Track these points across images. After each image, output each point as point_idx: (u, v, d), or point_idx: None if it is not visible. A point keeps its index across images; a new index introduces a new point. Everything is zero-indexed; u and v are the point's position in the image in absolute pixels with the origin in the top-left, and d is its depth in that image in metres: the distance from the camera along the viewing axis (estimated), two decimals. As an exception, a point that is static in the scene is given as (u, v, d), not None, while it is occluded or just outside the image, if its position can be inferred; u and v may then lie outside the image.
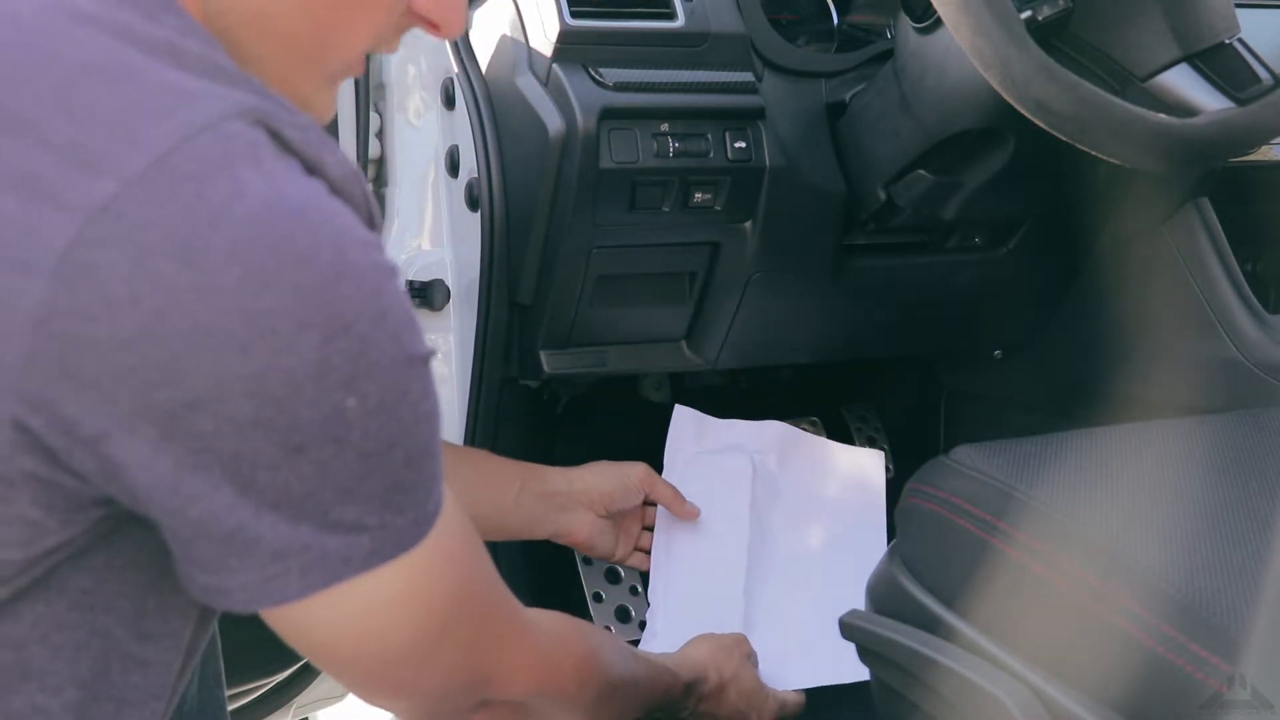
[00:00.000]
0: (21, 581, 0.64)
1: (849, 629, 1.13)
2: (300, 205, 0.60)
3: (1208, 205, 1.48)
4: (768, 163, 1.31)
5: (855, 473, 1.52)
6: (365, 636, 0.68)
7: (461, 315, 1.40)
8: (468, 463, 1.32)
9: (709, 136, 1.29)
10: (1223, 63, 1.21)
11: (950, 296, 1.56)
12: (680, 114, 1.28)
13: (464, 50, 1.36)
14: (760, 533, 1.47)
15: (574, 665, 0.90)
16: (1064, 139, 1.10)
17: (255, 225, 0.58)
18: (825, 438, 1.62)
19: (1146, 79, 1.22)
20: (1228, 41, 1.21)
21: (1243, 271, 1.48)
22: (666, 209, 1.30)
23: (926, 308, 1.57)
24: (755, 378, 1.80)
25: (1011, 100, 1.09)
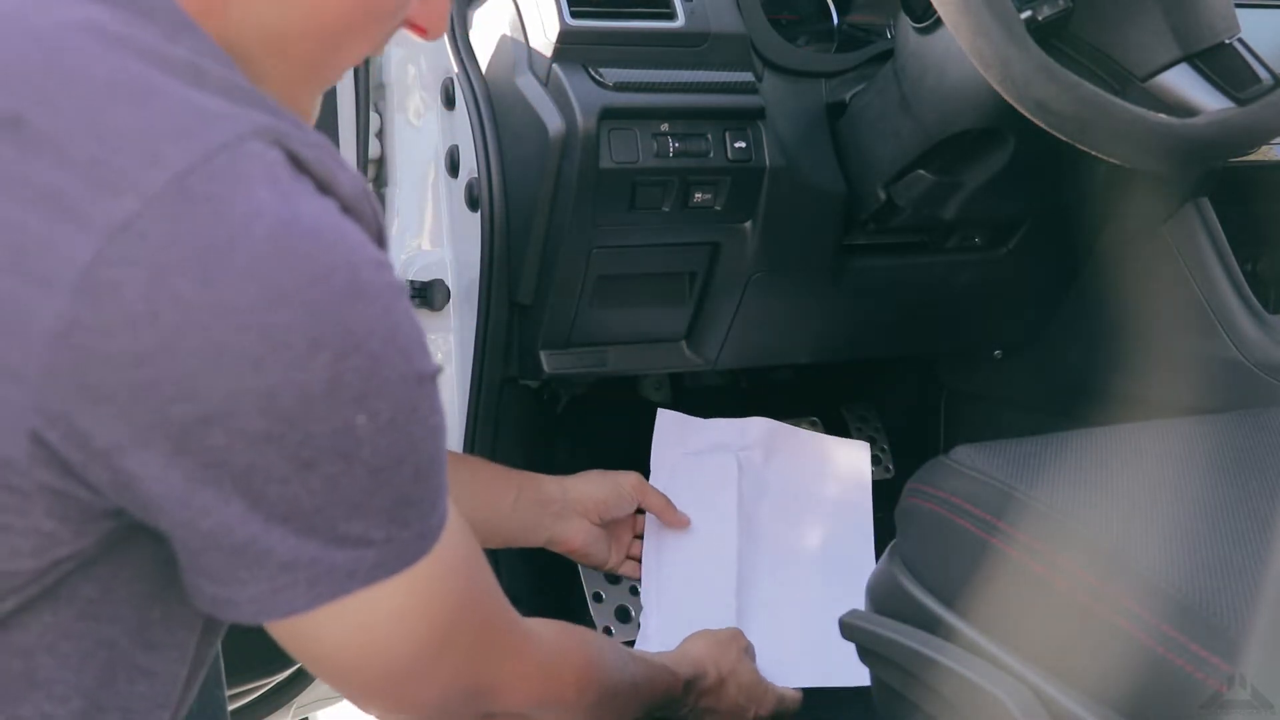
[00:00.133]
0: (32, 590, 0.65)
1: (849, 629, 1.13)
2: (315, 225, 0.61)
3: (1208, 205, 1.48)
4: (768, 163, 1.31)
5: (841, 464, 1.53)
6: (368, 648, 0.69)
7: (461, 315, 1.40)
8: (465, 469, 1.32)
9: (709, 136, 1.29)
10: (1223, 63, 1.21)
11: (950, 296, 1.56)
12: (680, 114, 1.28)
13: (464, 50, 1.36)
14: (749, 530, 1.47)
15: (574, 675, 0.90)
16: (1064, 139, 1.10)
17: (272, 244, 0.59)
18: (809, 430, 1.62)
19: (1146, 79, 1.22)
20: (1228, 41, 1.21)
21: (1243, 271, 1.48)
22: (666, 209, 1.30)
23: (926, 308, 1.57)
24: (755, 378, 1.80)
25: (1011, 100, 1.09)
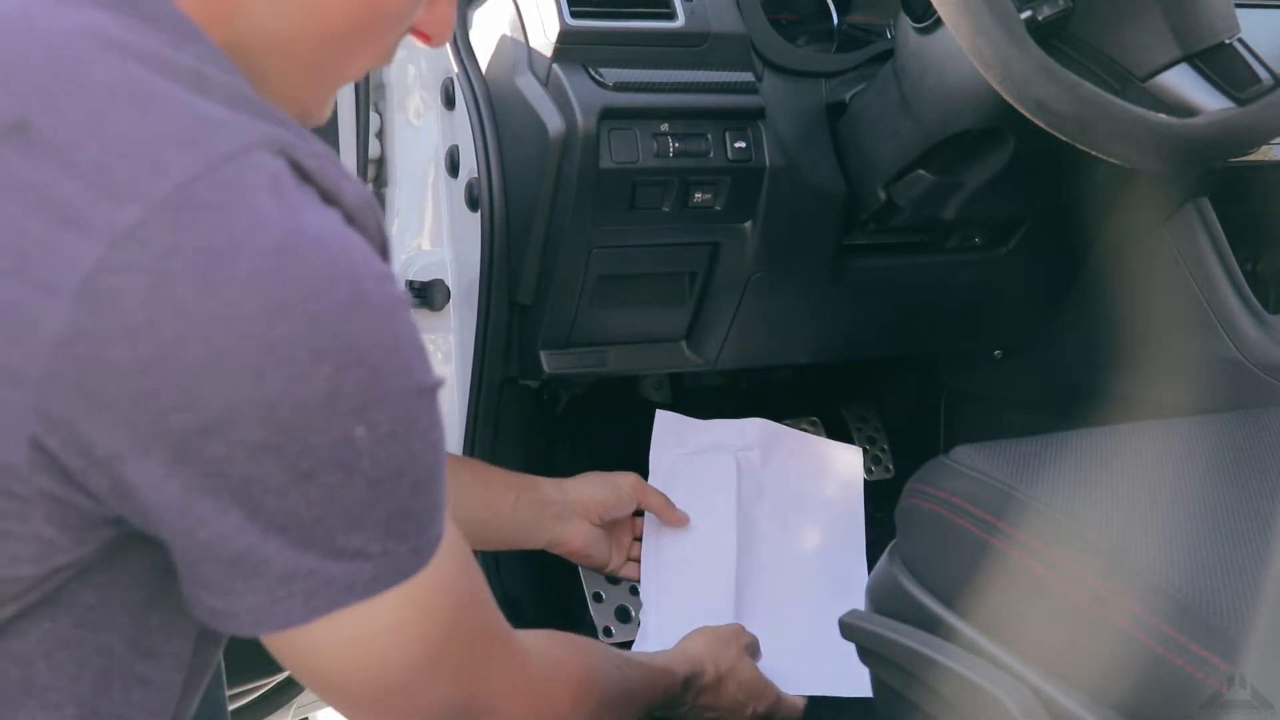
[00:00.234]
0: (31, 597, 0.65)
1: (849, 629, 1.13)
2: (319, 236, 0.61)
3: (1208, 205, 1.48)
4: (768, 163, 1.31)
5: (833, 468, 1.53)
6: (364, 662, 0.69)
7: (461, 315, 1.40)
8: (464, 471, 1.32)
9: (709, 136, 1.29)
10: (1223, 63, 1.21)
11: (950, 296, 1.56)
12: (680, 114, 1.28)
13: (464, 50, 1.36)
14: (747, 531, 1.47)
15: (568, 689, 0.90)
16: (1064, 139, 1.10)
17: (275, 255, 0.59)
18: (805, 432, 1.62)
19: (1146, 79, 1.22)
20: (1228, 41, 1.21)
21: (1243, 271, 1.48)
22: (666, 209, 1.30)
23: (926, 308, 1.57)
24: (755, 378, 1.80)
25: (1011, 100, 1.09)
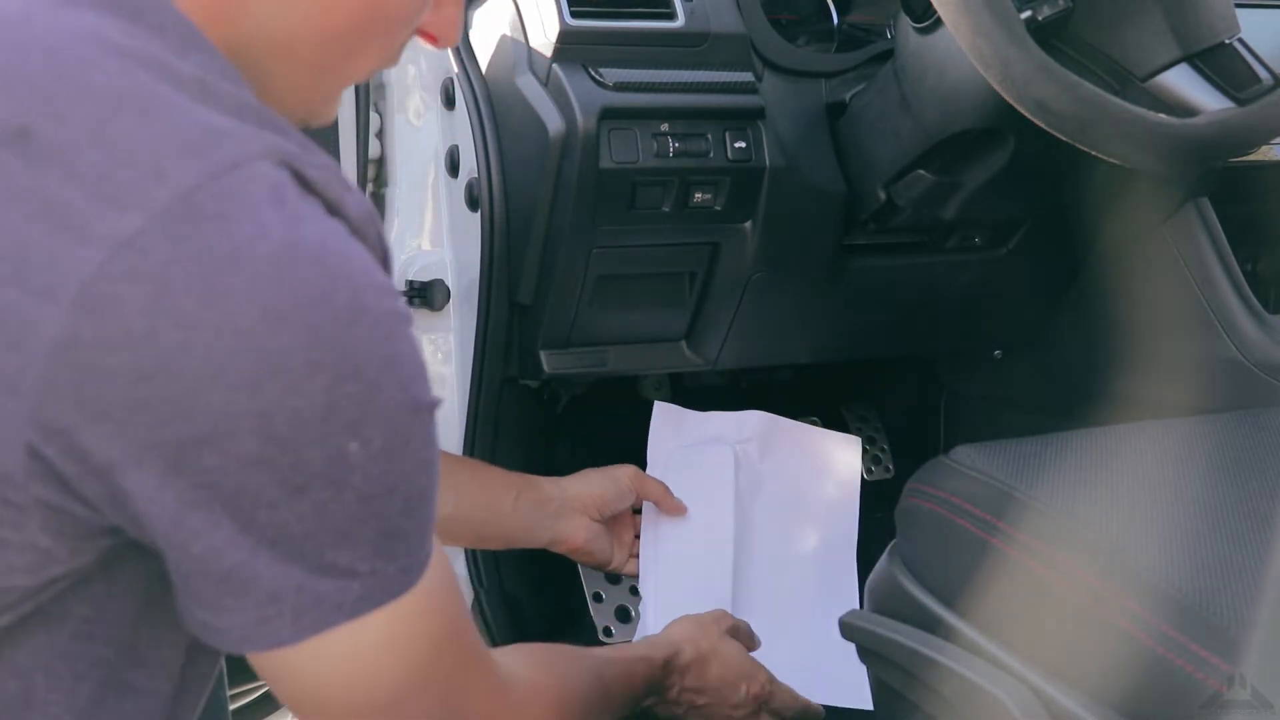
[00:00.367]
0: (26, 608, 0.64)
1: (849, 629, 1.13)
2: (320, 247, 0.61)
3: (1208, 205, 1.48)
4: (768, 163, 1.31)
5: (832, 460, 1.53)
6: (348, 683, 0.68)
7: (461, 315, 1.40)
8: (464, 470, 1.32)
9: (709, 136, 1.29)
10: (1223, 63, 1.21)
11: (950, 296, 1.56)
12: (680, 114, 1.28)
13: (464, 50, 1.36)
14: (744, 524, 1.47)
15: (544, 712, 0.89)
16: (1064, 139, 1.10)
17: (275, 266, 0.59)
18: (804, 424, 1.62)
19: (1146, 79, 1.22)
20: (1228, 41, 1.21)
21: (1243, 271, 1.48)
22: (666, 209, 1.30)
23: (926, 308, 1.57)
24: (755, 377, 1.80)
25: (1011, 100, 1.09)
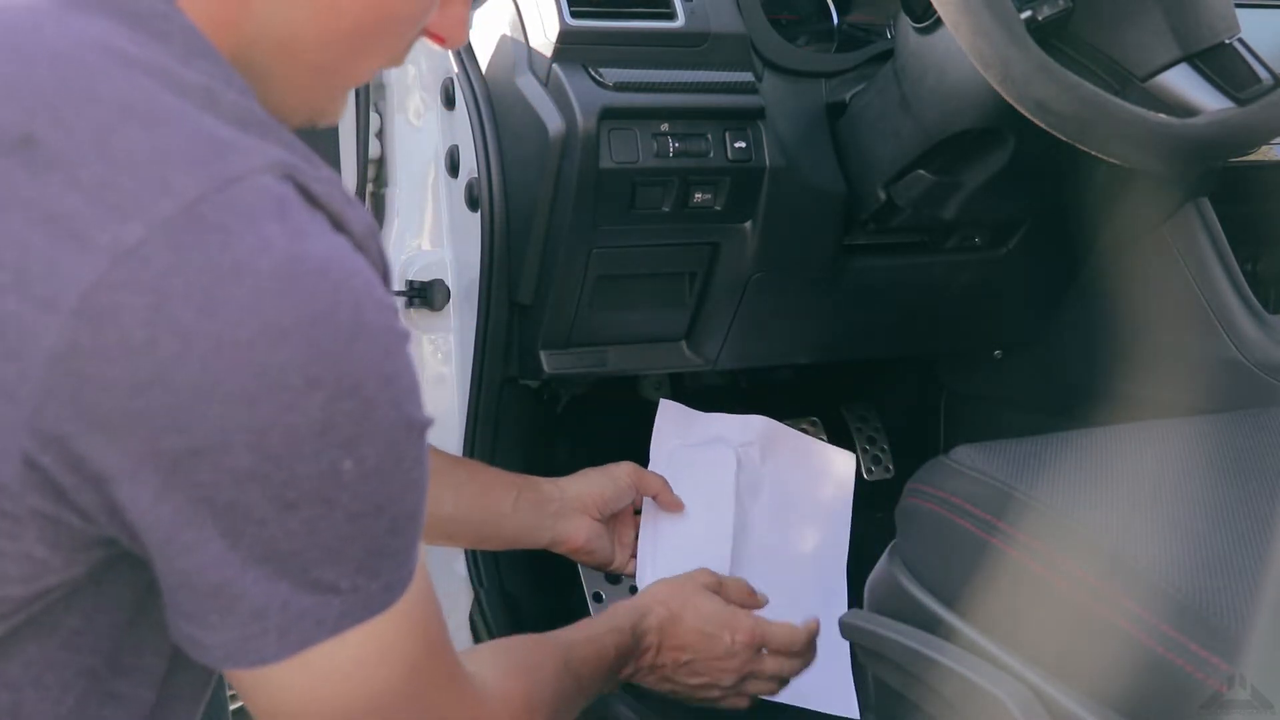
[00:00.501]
0: (18, 620, 0.64)
1: (849, 629, 1.13)
2: (323, 262, 0.60)
3: (1208, 205, 1.48)
4: (768, 163, 1.31)
5: (827, 473, 1.52)
6: (327, 700, 0.67)
7: (461, 315, 1.40)
8: (463, 471, 1.32)
9: (709, 136, 1.29)
10: (1223, 63, 1.21)
11: (950, 296, 1.56)
12: (680, 114, 1.28)
13: (464, 50, 1.36)
14: (742, 526, 1.47)
15: (512, 718, 0.89)
16: (1064, 139, 1.10)
17: (277, 279, 0.59)
18: (805, 432, 1.61)
19: (1146, 79, 1.22)
20: (1228, 41, 1.21)
21: (1243, 271, 1.48)
22: (666, 209, 1.30)
23: (926, 308, 1.57)
24: (755, 378, 1.80)
25: (1011, 100, 1.09)
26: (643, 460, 1.48)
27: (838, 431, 1.81)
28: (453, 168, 1.38)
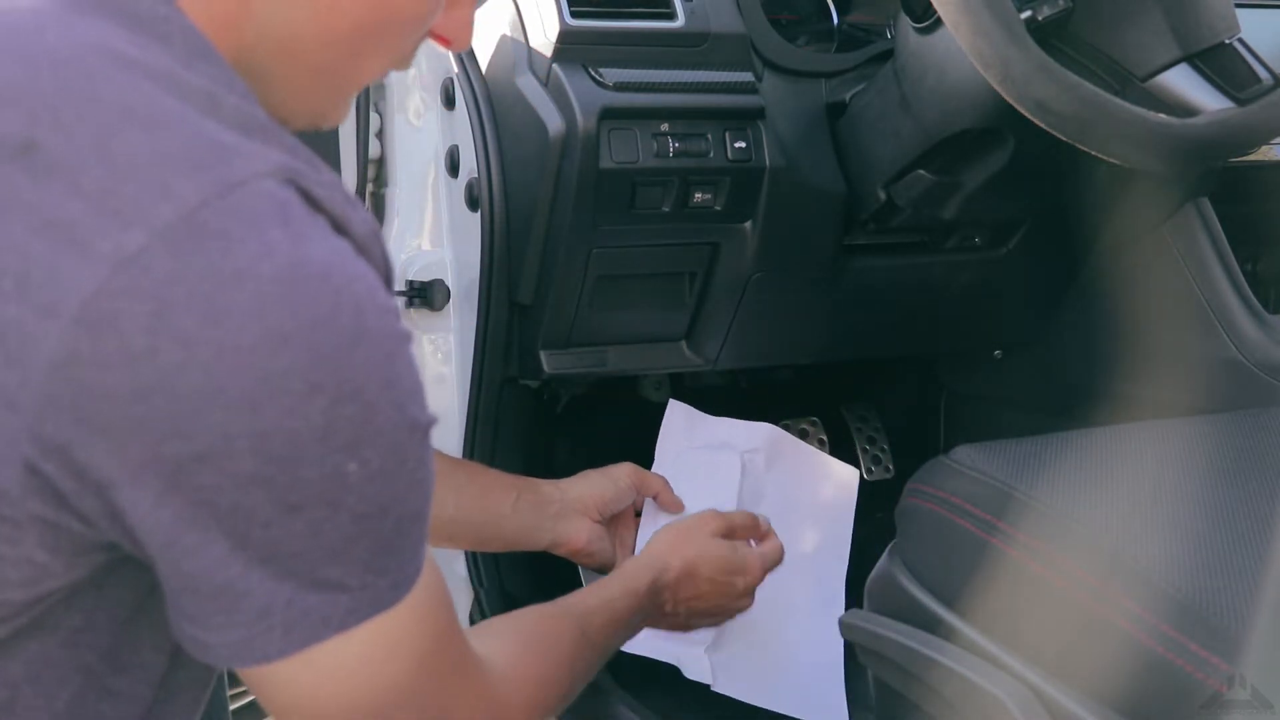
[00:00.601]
0: (19, 622, 0.64)
1: (849, 628, 1.13)
2: (325, 267, 0.60)
3: (1208, 205, 1.48)
4: (768, 163, 1.31)
5: (830, 484, 1.52)
6: (335, 696, 0.68)
7: (461, 315, 1.40)
8: (462, 472, 1.32)
9: (709, 136, 1.29)
10: (1223, 63, 1.21)
11: (950, 296, 1.56)
12: (680, 114, 1.28)
13: (464, 50, 1.36)
14: None
15: (526, 701, 0.88)
16: (1064, 139, 1.10)
17: (279, 285, 0.59)
18: (820, 445, 1.61)
19: (1146, 79, 1.22)
20: (1228, 41, 1.21)
21: (1243, 271, 1.48)
22: (666, 209, 1.30)
23: (926, 308, 1.57)
24: (755, 378, 1.80)
25: (1011, 100, 1.09)
26: (643, 460, 1.48)
27: (838, 431, 1.81)
28: (453, 168, 1.38)
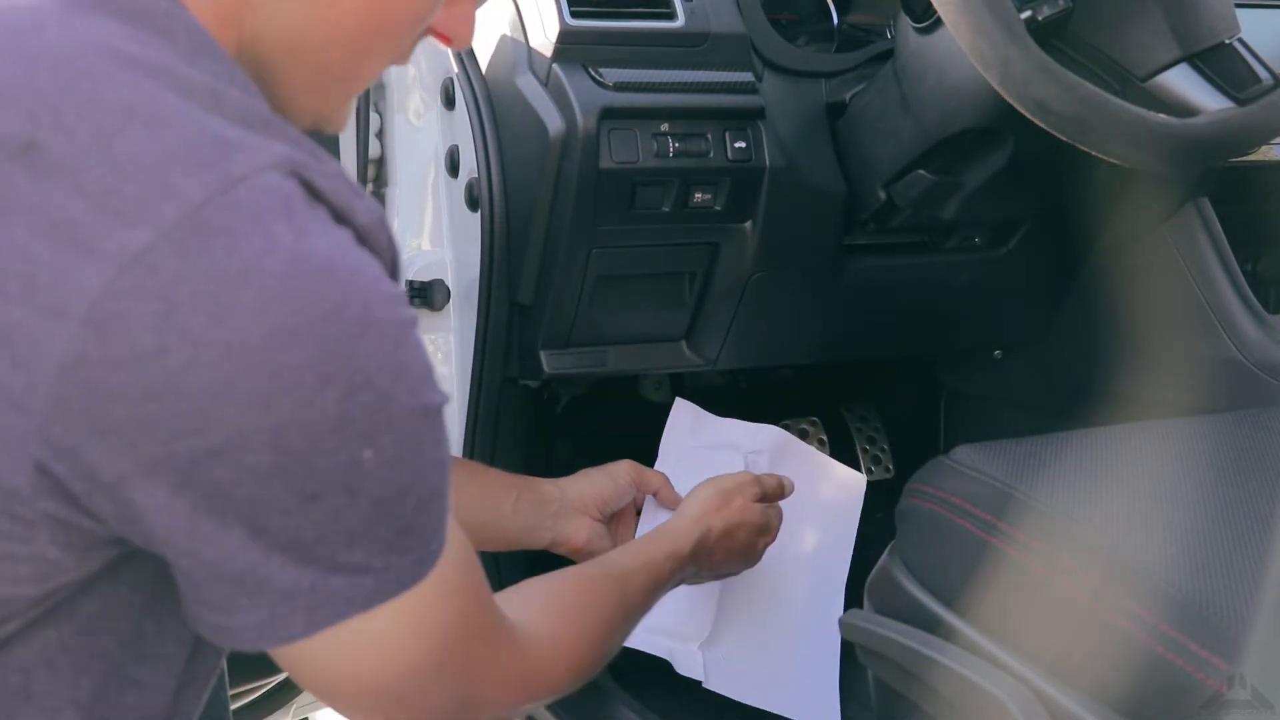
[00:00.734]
0: (34, 614, 0.65)
1: (849, 629, 1.13)
2: (329, 260, 0.61)
3: (1208, 205, 1.48)
4: (768, 163, 1.31)
5: (836, 490, 1.51)
6: (367, 671, 0.69)
7: (461, 315, 1.40)
8: (462, 472, 1.32)
9: (709, 136, 1.29)
10: (1223, 63, 1.21)
11: (950, 296, 1.56)
12: (680, 114, 1.28)
13: (464, 50, 1.36)
14: None
15: (566, 664, 0.89)
16: (1064, 139, 1.10)
17: (285, 280, 0.59)
18: (820, 445, 1.60)
19: (1146, 79, 1.22)
20: (1228, 41, 1.21)
21: (1243, 271, 1.48)
22: (666, 209, 1.30)
23: (926, 308, 1.57)
24: (755, 378, 1.80)
25: (1011, 100, 1.09)
26: (643, 460, 1.48)
27: (838, 431, 1.81)
28: (453, 168, 1.38)
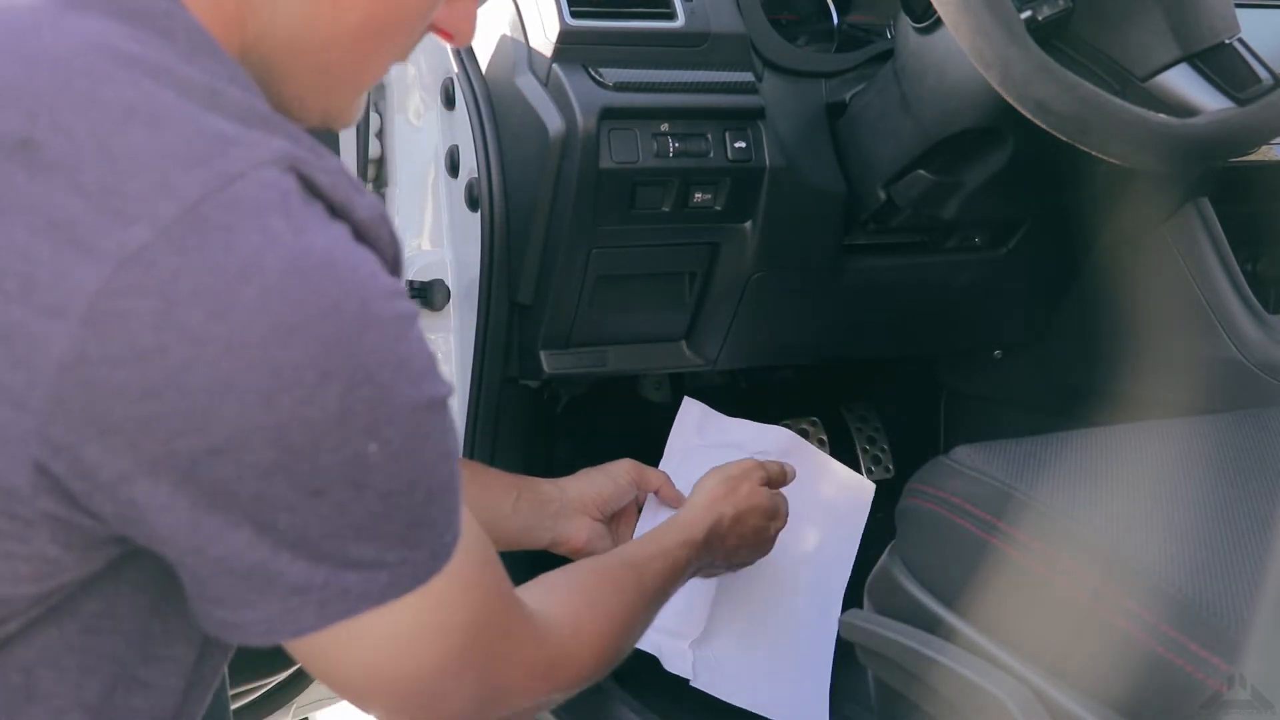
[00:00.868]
0: (35, 612, 0.64)
1: (849, 629, 1.13)
2: (328, 256, 0.60)
3: (1208, 205, 1.48)
4: (768, 163, 1.31)
5: (842, 495, 1.51)
6: (383, 667, 0.68)
7: (461, 315, 1.40)
8: (463, 472, 1.32)
9: (709, 136, 1.29)
10: (1223, 63, 1.21)
11: (950, 296, 1.56)
12: (680, 114, 1.28)
13: (464, 50, 1.36)
14: None
15: (590, 651, 0.89)
16: (1064, 139, 1.10)
17: (283, 277, 0.59)
18: (820, 445, 1.60)
19: (1146, 79, 1.22)
20: (1228, 41, 1.21)
21: (1243, 271, 1.48)
22: (666, 209, 1.30)
23: (926, 307, 1.57)
24: (755, 378, 1.80)
25: (1011, 100, 1.09)
26: (644, 460, 1.48)
27: (838, 431, 1.81)
28: (453, 168, 1.38)
